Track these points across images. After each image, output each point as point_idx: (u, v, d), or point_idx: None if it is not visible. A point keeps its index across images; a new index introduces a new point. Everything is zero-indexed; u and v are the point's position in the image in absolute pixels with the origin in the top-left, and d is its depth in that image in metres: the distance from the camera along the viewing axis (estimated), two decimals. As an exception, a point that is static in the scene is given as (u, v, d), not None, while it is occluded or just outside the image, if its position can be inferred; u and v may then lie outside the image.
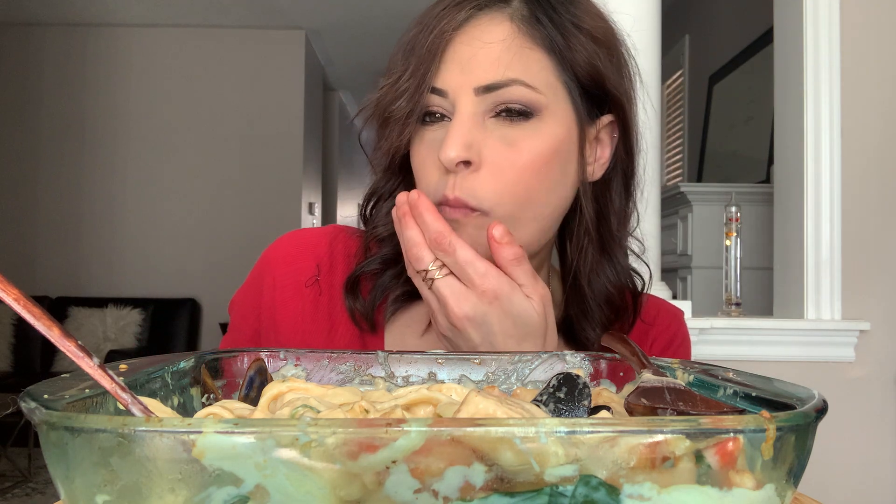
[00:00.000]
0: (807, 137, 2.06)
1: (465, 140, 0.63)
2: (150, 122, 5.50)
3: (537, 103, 0.65)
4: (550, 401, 0.44)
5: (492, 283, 0.62)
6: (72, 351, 0.35)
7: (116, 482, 0.29)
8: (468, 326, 0.63)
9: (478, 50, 0.65)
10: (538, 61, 0.65)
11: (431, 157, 0.67)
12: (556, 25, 0.66)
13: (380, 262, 0.74)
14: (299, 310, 0.74)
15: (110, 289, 5.36)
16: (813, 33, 2.06)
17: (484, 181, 0.64)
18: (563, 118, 0.66)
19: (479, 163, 0.64)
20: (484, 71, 0.64)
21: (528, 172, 0.65)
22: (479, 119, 0.65)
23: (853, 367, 2.05)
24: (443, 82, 0.65)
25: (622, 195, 0.73)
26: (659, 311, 0.82)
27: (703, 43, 4.16)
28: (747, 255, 2.40)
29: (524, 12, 0.66)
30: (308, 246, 0.77)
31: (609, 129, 0.71)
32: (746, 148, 3.42)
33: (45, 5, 5.19)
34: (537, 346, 0.65)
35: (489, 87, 0.64)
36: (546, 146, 0.65)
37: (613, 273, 0.73)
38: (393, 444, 0.28)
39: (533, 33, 0.65)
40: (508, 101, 0.64)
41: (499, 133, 0.65)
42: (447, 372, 0.54)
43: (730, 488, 0.30)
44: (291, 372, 0.54)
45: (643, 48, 1.95)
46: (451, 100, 0.65)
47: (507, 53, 0.64)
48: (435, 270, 0.63)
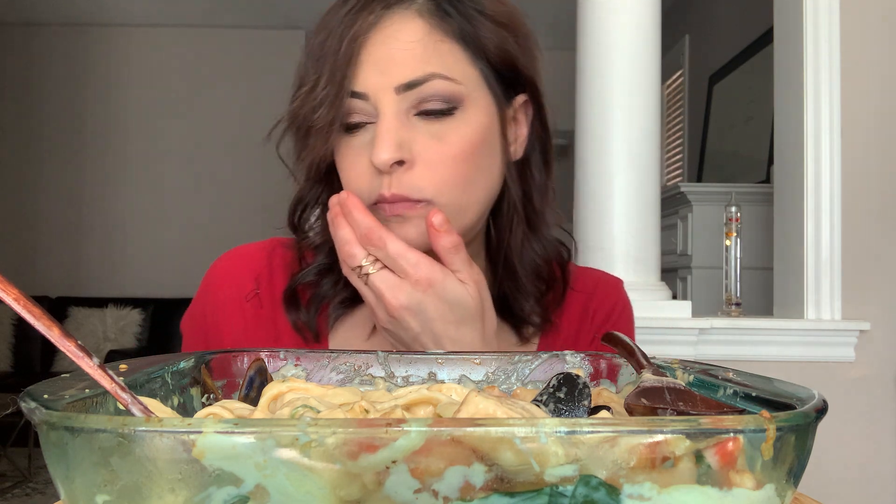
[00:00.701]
0: (807, 137, 2.06)
1: (395, 140, 0.64)
2: (150, 121, 5.50)
3: (458, 95, 0.66)
4: (550, 401, 0.44)
5: (424, 271, 0.64)
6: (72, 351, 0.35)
7: (116, 482, 0.29)
8: (406, 315, 0.64)
9: (393, 49, 0.65)
10: (452, 53, 0.66)
11: (361, 162, 0.67)
12: (462, 15, 0.67)
13: (316, 271, 0.75)
14: (242, 325, 0.76)
15: (110, 289, 5.35)
16: (813, 33, 2.06)
17: (420, 176, 0.66)
18: (483, 105, 0.68)
19: (412, 160, 0.65)
20: (402, 69, 0.65)
21: (460, 162, 0.66)
22: (404, 118, 0.66)
23: (853, 367, 2.05)
24: (362, 85, 0.65)
25: (542, 170, 0.75)
26: (597, 283, 0.83)
27: (703, 43, 4.16)
28: (747, 255, 2.40)
29: (430, 6, 0.67)
30: (246, 261, 0.78)
31: (524, 108, 0.73)
32: (746, 148, 3.42)
33: (46, 5, 5.19)
34: (476, 329, 0.66)
35: (410, 85, 0.65)
36: (473, 135, 0.67)
37: (540, 247, 0.75)
38: (393, 444, 0.28)
39: (443, 26, 0.66)
40: (430, 96, 0.65)
41: (426, 129, 0.66)
42: (447, 372, 0.54)
43: (730, 488, 0.30)
44: (291, 372, 0.54)
45: (643, 48, 1.95)
46: (372, 102, 0.66)
47: (423, 49, 0.65)
48: (368, 266, 0.65)
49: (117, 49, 5.50)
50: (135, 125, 5.49)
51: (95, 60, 5.49)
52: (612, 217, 1.95)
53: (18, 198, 5.43)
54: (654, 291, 1.96)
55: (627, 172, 1.94)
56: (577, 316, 0.80)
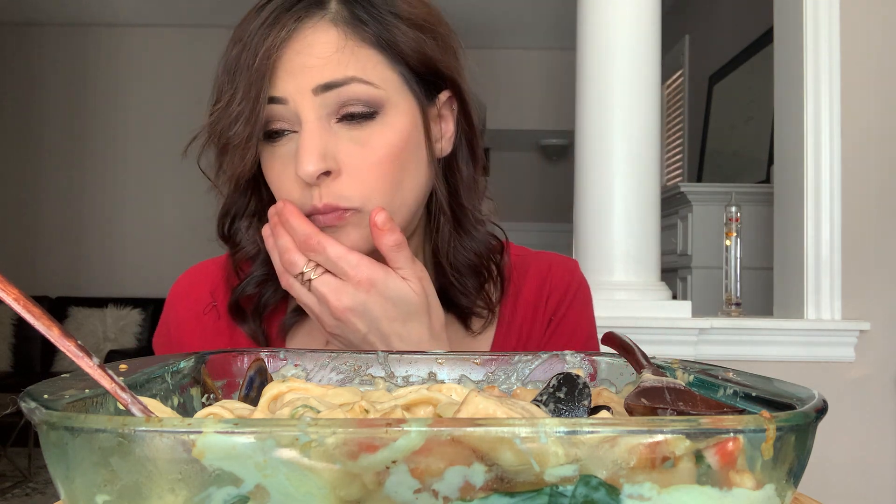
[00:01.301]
0: (807, 137, 2.06)
1: (319, 151, 0.64)
2: (151, 121, 5.50)
3: (378, 99, 0.66)
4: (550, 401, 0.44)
5: (365, 271, 0.64)
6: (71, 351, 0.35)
7: (116, 482, 0.29)
8: (351, 317, 0.65)
9: (310, 59, 0.65)
10: (371, 58, 0.66)
11: (287, 174, 0.67)
12: (377, 21, 0.67)
13: (255, 282, 0.76)
14: (201, 337, 0.77)
15: (110, 289, 5.35)
16: (813, 33, 2.06)
17: (347, 184, 0.65)
18: (405, 108, 0.68)
19: (338, 169, 0.65)
20: (321, 72, 0.64)
21: (385, 166, 0.66)
22: (326, 125, 0.65)
23: (853, 367, 2.05)
24: (281, 90, 0.65)
25: (469, 164, 0.75)
26: (551, 266, 0.83)
27: (703, 43, 4.16)
28: (747, 255, 2.40)
29: (344, 14, 0.66)
30: (202, 277, 0.80)
31: (448, 104, 0.73)
32: (746, 148, 3.41)
33: (46, 5, 5.19)
34: (423, 324, 0.67)
35: (328, 86, 0.64)
36: (396, 138, 0.67)
37: (471, 242, 0.75)
38: (393, 444, 0.28)
39: (359, 33, 0.66)
40: (350, 99, 0.65)
41: (348, 136, 0.66)
42: (447, 372, 0.54)
43: (730, 488, 0.30)
44: (291, 372, 0.54)
45: (643, 48, 1.95)
46: (292, 108, 0.65)
47: (341, 53, 0.65)
48: (310, 271, 0.65)
49: (117, 49, 5.50)
50: (135, 125, 5.49)
51: (95, 60, 5.49)
52: (611, 217, 1.95)
53: (18, 198, 5.42)
54: (654, 291, 1.96)
55: (627, 172, 1.94)
56: (533, 296, 0.80)
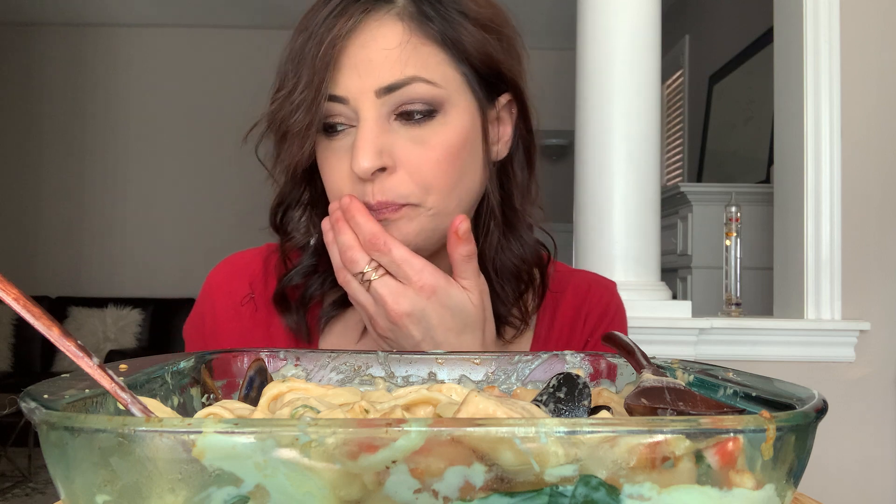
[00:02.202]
0: (807, 137, 2.06)
1: (375, 147, 0.64)
2: (150, 121, 5.50)
3: (439, 98, 0.65)
4: (550, 401, 0.44)
5: (428, 278, 0.63)
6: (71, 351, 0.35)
7: (116, 482, 0.29)
8: (408, 323, 0.64)
9: (373, 53, 0.64)
10: (433, 56, 0.65)
11: (342, 167, 0.66)
12: (444, 18, 0.66)
13: (302, 273, 0.75)
14: (238, 328, 0.76)
15: (110, 289, 5.35)
16: (813, 33, 2.06)
17: (403, 181, 0.65)
18: (465, 108, 0.67)
19: (393, 166, 0.65)
20: (383, 72, 0.64)
21: (443, 165, 0.66)
22: (384, 122, 0.65)
23: (853, 367, 2.05)
24: (342, 89, 0.65)
25: (525, 169, 0.75)
26: (591, 286, 0.83)
27: (703, 43, 4.16)
28: (747, 255, 2.39)
29: (411, 9, 0.66)
30: (241, 267, 0.79)
31: (508, 107, 0.73)
32: (746, 148, 3.41)
33: (45, 5, 5.19)
34: (476, 338, 0.66)
35: (390, 88, 0.64)
36: (455, 138, 0.66)
37: (518, 248, 0.75)
38: (393, 444, 0.28)
39: (424, 30, 0.65)
40: (410, 99, 0.64)
41: (407, 134, 0.65)
42: (447, 372, 0.54)
43: (730, 488, 0.30)
44: (291, 372, 0.54)
45: (643, 48, 1.95)
46: (352, 106, 0.65)
47: (403, 52, 0.64)
48: (371, 272, 0.65)
49: (117, 49, 5.50)
50: (135, 125, 5.49)
51: (95, 60, 5.49)
52: (611, 217, 1.95)
53: (18, 198, 5.42)
54: (654, 291, 1.96)
55: (627, 172, 1.94)
56: (570, 316, 0.80)
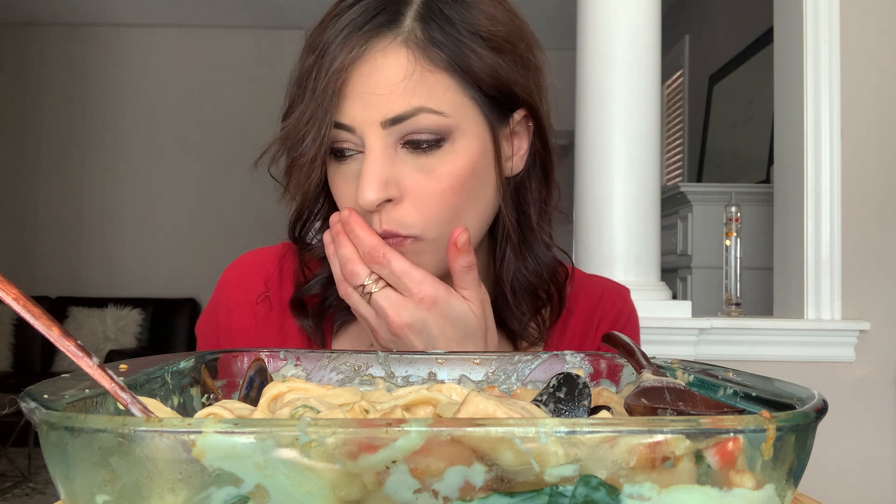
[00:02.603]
0: (807, 137, 2.06)
1: (380, 180, 0.63)
2: (150, 121, 5.50)
3: (446, 128, 0.64)
4: (550, 401, 0.44)
5: (428, 289, 0.63)
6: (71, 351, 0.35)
7: (116, 482, 0.29)
8: (409, 334, 0.64)
9: (377, 84, 0.63)
10: (441, 83, 0.64)
11: (350, 192, 0.66)
12: (453, 42, 0.64)
13: (322, 283, 0.75)
14: (252, 326, 0.76)
15: (110, 289, 5.35)
16: (813, 33, 2.06)
17: (408, 212, 0.65)
18: (475, 133, 0.66)
19: (399, 196, 0.64)
20: (388, 103, 0.62)
21: (449, 195, 0.65)
22: (390, 152, 0.64)
23: (853, 367, 2.05)
24: (348, 118, 0.64)
25: (542, 184, 0.73)
26: (604, 292, 0.82)
27: (703, 43, 4.16)
28: (747, 255, 2.39)
29: (419, 34, 0.63)
30: (257, 265, 0.79)
31: (524, 122, 0.71)
32: (746, 148, 3.41)
33: (45, 5, 5.19)
34: (478, 347, 0.66)
35: (396, 119, 0.63)
36: (463, 166, 0.65)
37: (535, 265, 0.74)
38: (393, 444, 0.28)
39: (431, 56, 0.63)
40: (417, 130, 0.63)
41: (413, 164, 0.64)
42: (447, 372, 0.54)
43: (730, 488, 0.30)
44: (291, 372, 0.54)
45: (643, 48, 1.95)
46: (358, 135, 0.64)
47: (409, 82, 0.63)
48: (371, 284, 0.64)
49: (117, 49, 5.50)
50: (134, 125, 5.49)
51: (95, 60, 5.49)
52: (612, 217, 1.95)
53: (18, 198, 5.42)
54: (654, 291, 1.96)
55: (627, 172, 1.94)
56: (582, 322, 0.80)
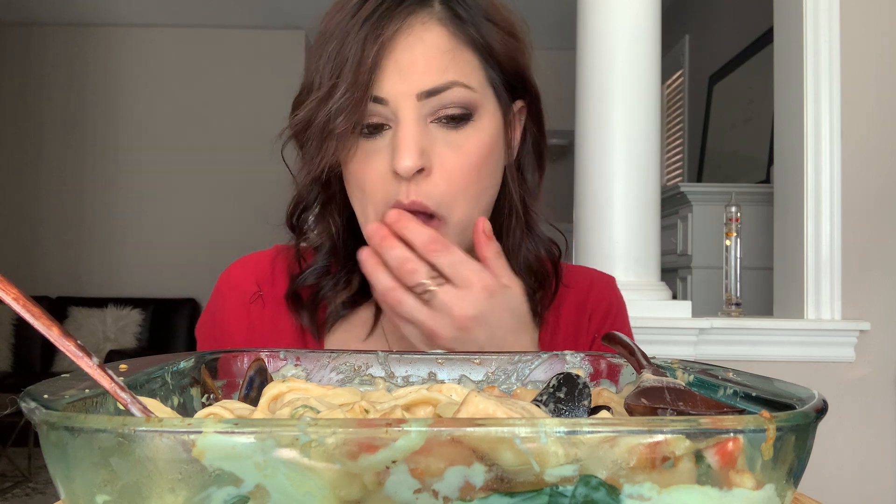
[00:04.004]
0: (807, 137, 2.06)
1: (418, 147, 0.64)
2: (150, 122, 5.50)
3: (474, 103, 0.67)
4: (550, 401, 0.44)
5: (488, 278, 0.63)
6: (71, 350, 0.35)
7: (116, 482, 0.29)
8: (474, 326, 0.62)
9: (417, 55, 0.65)
10: (469, 62, 0.67)
11: (377, 168, 0.66)
12: (476, 24, 0.68)
13: (316, 273, 0.76)
14: (246, 325, 0.77)
15: (110, 289, 5.35)
16: (813, 33, 2.06)
17: (436, 184, 0.66)
18: (493, 112, 0.69)
19: (430, 168, 0.66)
20: (424, 75, 0.65)
21: (475, 172, 0.67)
22: (423, 124, 0.66)
23: (853, 367, 2.05)
24: (383, 91, 0.65)
25: (535, 171, 0.77)
26: (592, 281, 0.83)
27: (703, 43, 4.16)
28: (747, 255, 2.39)
29: (449, 13, 0.67)
30: (250, 268, 0.80)
31: (520, 114, 0.75)
32: (746, 148, 3.41)
33: (45, 5, 5.19)
34: (528, 335, 0.66)
35: (432, 92, 0.65)
36: (487, 143, 0.68)
37: (534, 244, 0.76)
38: (393, 444, 0.28)
39: (460, 34, 0.67)
40: (450, 103, 0.66)
41: (443, 138, 0.66)
42: (447, 372, 0.54)
43: (730, 488, 0.30)
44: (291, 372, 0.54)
45: (643, 48, 1.95)
46: (391, 108, 0.65)
47: (444, 56, 0.65)
48: (430, 282, 0.63)
49: (117, 49, 5.50)
50: (135, 125, 5.49)
51: (95, 60, 5.49)
52: (612, 217, 1.95)
53: (18, 198, 5.42)
54: (654, 291, 1.96)
55: (627, 172, 1.94)
56: (574, 314, 0.80)
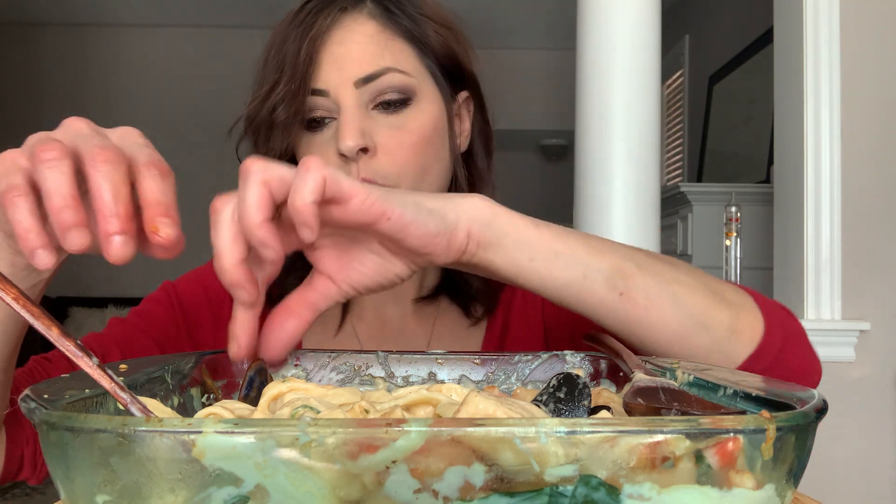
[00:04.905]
0: (807, 137, 2.06)
1: (358, 128, 0.68)
2: (151, 121, 5.49)
3: (411, 87, 0.71)
4: (550, 401, 0.44)
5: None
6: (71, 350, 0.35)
7: (116, 482, 0.29)
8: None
9: (350, 46, 0.70)
10: (403, 50, 0.72)
11: (327, 155, 0.70)
12: (409, 16, 0.72)
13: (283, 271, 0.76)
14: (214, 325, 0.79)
15: (110, 289, 5.35)
16: (813, 33, 2.06)
17: (383, 163, 0.69)
18: (433, 98, 0.73)
19: (374, 148, 0.69)
20: (359, 64, 0.69)
21: (418, 149, 0.71)
22: (364, 110, 0.70)
23: (853, 367, 2.05)
24: (323, 82, 0.69)
25: (484, 160, 0.81)
26: None
27: (703, 43, 4.16)
28: (747, 255, 2.39)
29: (379, 9, 0.72)
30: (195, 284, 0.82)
31: (466, 105, 0.79)
32: (746, 148, 3.41)
33: (45, 5, 5.19)
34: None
35: (368, 78, 0.69)
36: (428, 124, 0.72)
37: None
38: (393, 444, 0.28)
39: (392, 26, 0.72)
40: (387, 87, 0.70)
41: (385, 122, 0.70)
42: (447, 372, 0.54)
43: (730, 488, 0.30)
44: (291, 372, 0.54)
45: (643, 48, 1.95)
46: (332, 98, 0.69)
47: (377, 46, 0.70)
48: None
49: (117, 49, 5.50)
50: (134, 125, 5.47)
51: (95, 60, 5.49)
52: (611, 217, 1.95)
53: (18, 198, 5.42)
54: (654, 291, 1.96)
55: (627, 172, 1.94)
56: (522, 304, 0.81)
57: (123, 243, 0.39)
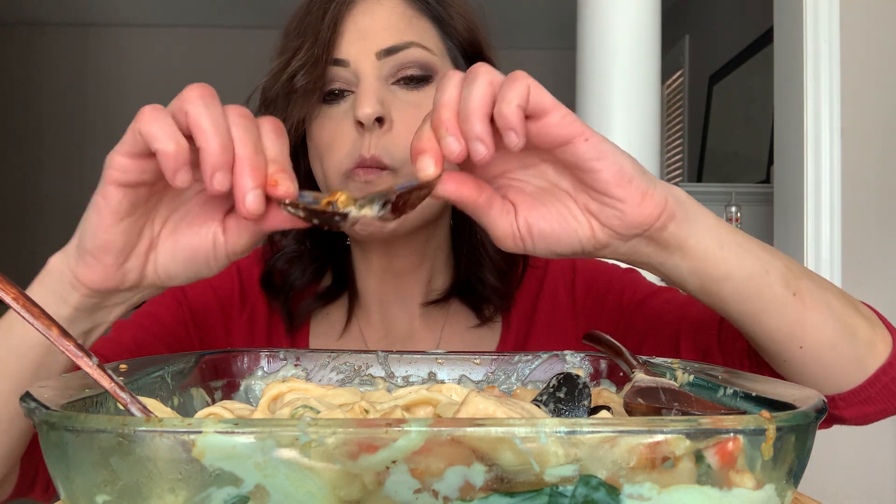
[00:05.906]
0: (807, 137, 2.06)
1: (377, 97, 0.67)
2: (150, 121, 5.49)
3: (433, 65, 0.70)
4: (550, 401, 0.44)
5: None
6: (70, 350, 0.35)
7: (116, 482, 0.29)
8: None
9: (376, 17, 0.69)
10: (427, 29, 0.71)
11: (342, 127, 0.68)
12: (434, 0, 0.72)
13: (286, 258, 0.77)
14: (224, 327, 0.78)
15: (110, 289, 5.35)
16: (813, 33, 2.06)
17: (397, 139, 0.67)
18: None
19: (390, 122, 0.68)
20: (383, 35, 0.68)
21: None
22: (384, 83, 0.68)
23: (853, 367, 2.04)
24: (344, 52, 0.68)
25: None
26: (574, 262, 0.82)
27: (703, 43, 4.16)
28: (747, 255, 2.38)
29: None
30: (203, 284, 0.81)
31: None
32: (746, 148, 3.41)
33: (45, 5, 5.19)
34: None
35: (390, 50, 0.68)
36: None
37: None
38: (393, 444, 0.28)
39: (418, 4, 0.71)
40: (408, 62, 0.68)
41: (404, 97, 0.69)
42: (447, 372, 0.54)
43: (730, 488, 0.30)
44: (291, 372, 0.54)
45: (643, 48, 1.95)
46: (353, 69, 0.68)
47: (402, 20, 0.69)
48: None
49: (117, 49, 5.50)
50: (135, 125, 5.49)
51: (95, 60, 5.49)
52: (612, 217, 1.94)
53: (19, 197, 5.42)
54: (654, 291, 1.96)
55: (627, 172, 1.94)
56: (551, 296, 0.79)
57: (259, 197, 0.42)
